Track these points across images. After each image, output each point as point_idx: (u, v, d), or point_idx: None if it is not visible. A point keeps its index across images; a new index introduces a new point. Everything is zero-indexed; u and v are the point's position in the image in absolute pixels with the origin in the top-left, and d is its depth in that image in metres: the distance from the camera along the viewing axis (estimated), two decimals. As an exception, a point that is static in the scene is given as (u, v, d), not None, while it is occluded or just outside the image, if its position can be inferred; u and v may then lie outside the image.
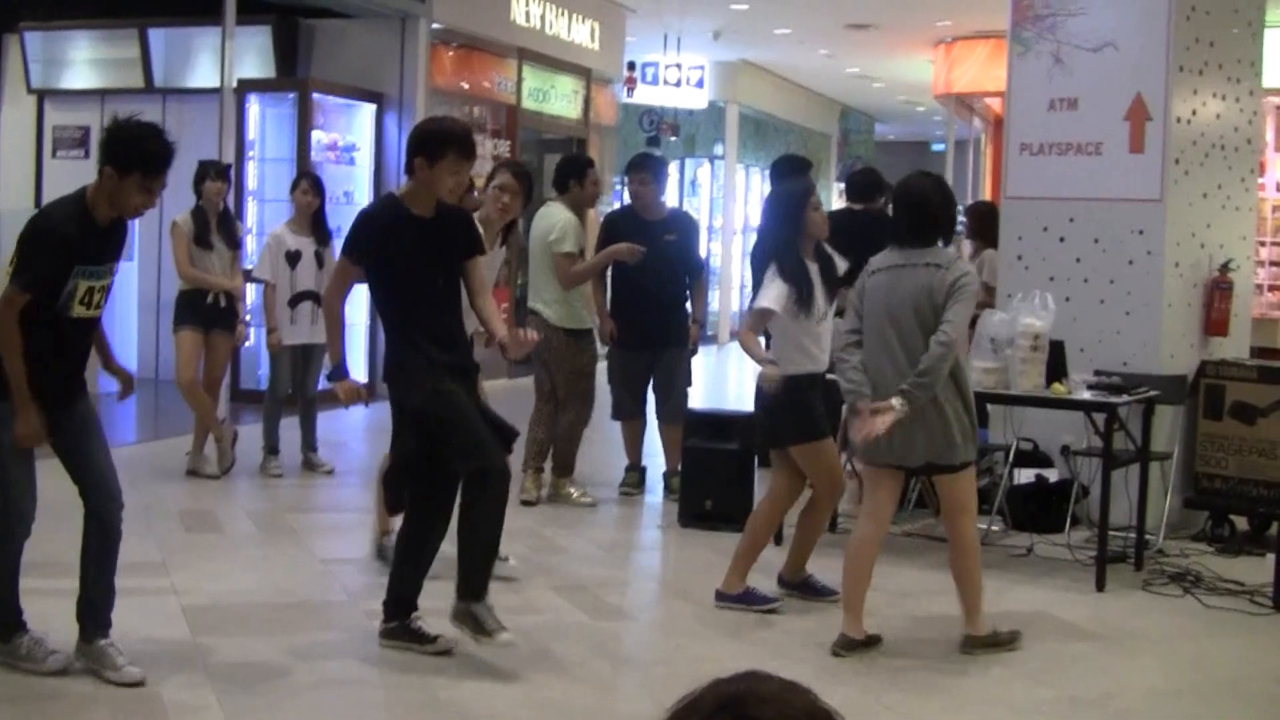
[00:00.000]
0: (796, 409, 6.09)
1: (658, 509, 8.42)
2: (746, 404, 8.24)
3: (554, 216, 8.33)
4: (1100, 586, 6.64)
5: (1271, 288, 15.85)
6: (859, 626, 5.67)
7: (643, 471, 8.79)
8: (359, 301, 12.59)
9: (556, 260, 8.20)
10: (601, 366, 8.65)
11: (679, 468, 8.25)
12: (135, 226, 12.33)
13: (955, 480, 5.65)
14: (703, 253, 8.59)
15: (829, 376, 6.17)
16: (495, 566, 5.54)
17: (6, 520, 4.93)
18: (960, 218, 8.73)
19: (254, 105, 12.26)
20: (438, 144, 5.34)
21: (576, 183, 8.43)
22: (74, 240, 4.75)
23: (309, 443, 9.14)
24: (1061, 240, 8.03)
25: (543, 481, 8.38)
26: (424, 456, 5.35)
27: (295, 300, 8.90)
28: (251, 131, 12.24)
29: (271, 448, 8.97)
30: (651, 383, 8.62)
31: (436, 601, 5.47)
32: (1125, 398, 6.83)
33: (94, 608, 5.03)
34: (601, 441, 9.55)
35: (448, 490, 5.39)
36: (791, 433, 6.15)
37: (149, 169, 4.77)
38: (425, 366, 5.33)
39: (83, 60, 13.97)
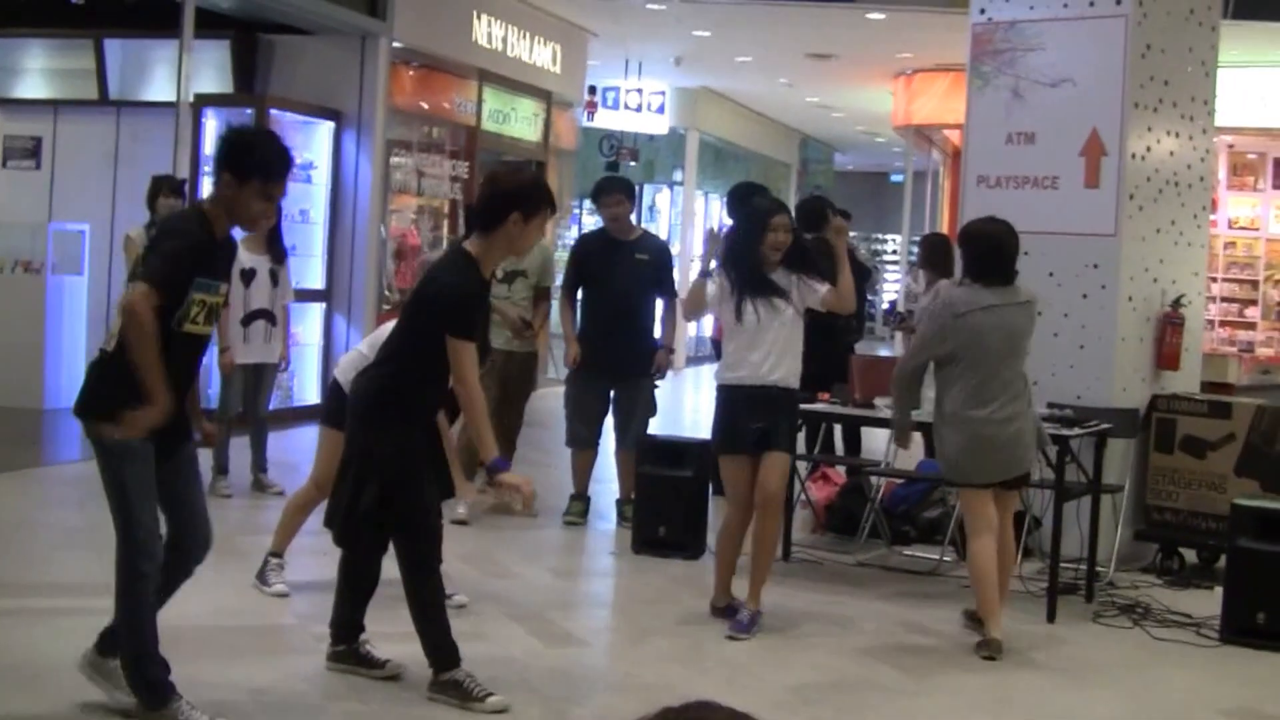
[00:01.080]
0: (717, 419, 6.38)
1: (610, 535, 8.39)
2: (702, 431, 8.25)
3: None
4: (1051, 617, 6.66)
5: (1222, 323, 16.05)
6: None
7: (588, 501, 8.73)
8: (314, 319, 12.57)
9: None
10: (558, 392, 8.60)
11: (632, 495, 8.22)
12: (85, 238, 12.33)
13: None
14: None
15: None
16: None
17: (135, 560, 4.77)
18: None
19: (211, 120, 12.16)
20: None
21: None
22: (201, 248, 4.64)
23: (259, 463, 9.04)
24: (1017, 273, 8.05)
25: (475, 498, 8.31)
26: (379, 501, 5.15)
27: (249, 319, 8.82)
28: (208, 147, 12.13)
29: (221, 468, 8.86)
30: (611, 410, 8.58)
31: (384, 626, 5.43)
32: (1078, 430, 6.87)
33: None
34: (558, 468, 9.45)
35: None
36: (713, 441, 6.47)
37: (268, 175, 4.65)
38: (409, 417, 5.17)
39: (36, 70, 13.83)
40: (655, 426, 8.63)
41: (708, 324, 15.58)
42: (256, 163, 4.65)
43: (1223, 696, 5.84)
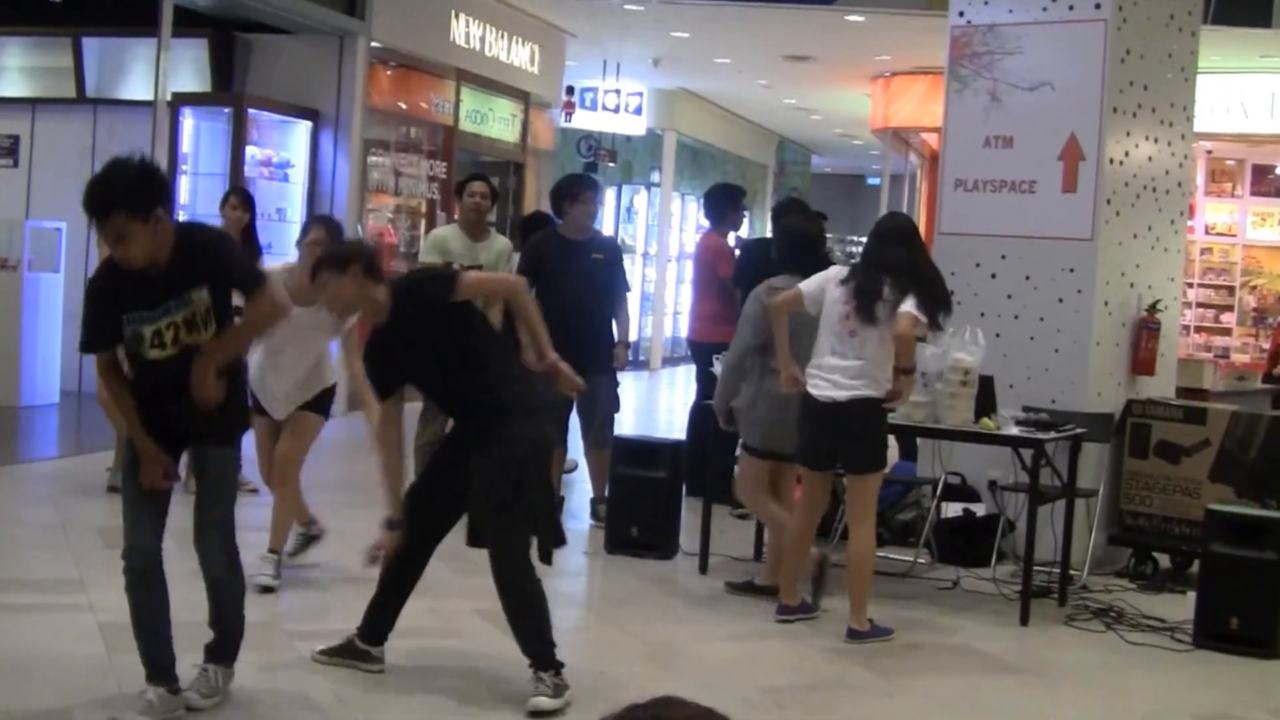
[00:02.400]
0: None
1: (584, 535, 8.37)
2: (676, 432, 8.26)
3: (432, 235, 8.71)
4: (1024, 621, 6.67)
5: (1198, 329, 16.12)
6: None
7: (560, 502, 8.69)
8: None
9: None
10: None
11: (605, 494, 8.21)
12: (62, 236, 12.27)
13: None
14: (634, 278, 8.76)
15: None
16: None
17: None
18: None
19: (188, 119, 12.14)
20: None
21: (456, 199, 8.66)
22: (105, 291, 4.64)
23: (234, 460, 8.99)
24: (993, 277, 8.09)
25: None
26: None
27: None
28: (185, 145, 12.11)
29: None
30: (575, 410, 8.54)
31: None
32: (1053, 434, 6.88)
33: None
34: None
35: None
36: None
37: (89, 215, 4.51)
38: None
39: (13, 68, 13.78)
40: (630, 427, 8.62)
41: (684, 324, 15.58)
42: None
43: (1195, 701, 5.86)
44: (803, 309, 6.37)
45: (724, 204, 9.81)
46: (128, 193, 4.47)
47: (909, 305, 6.06)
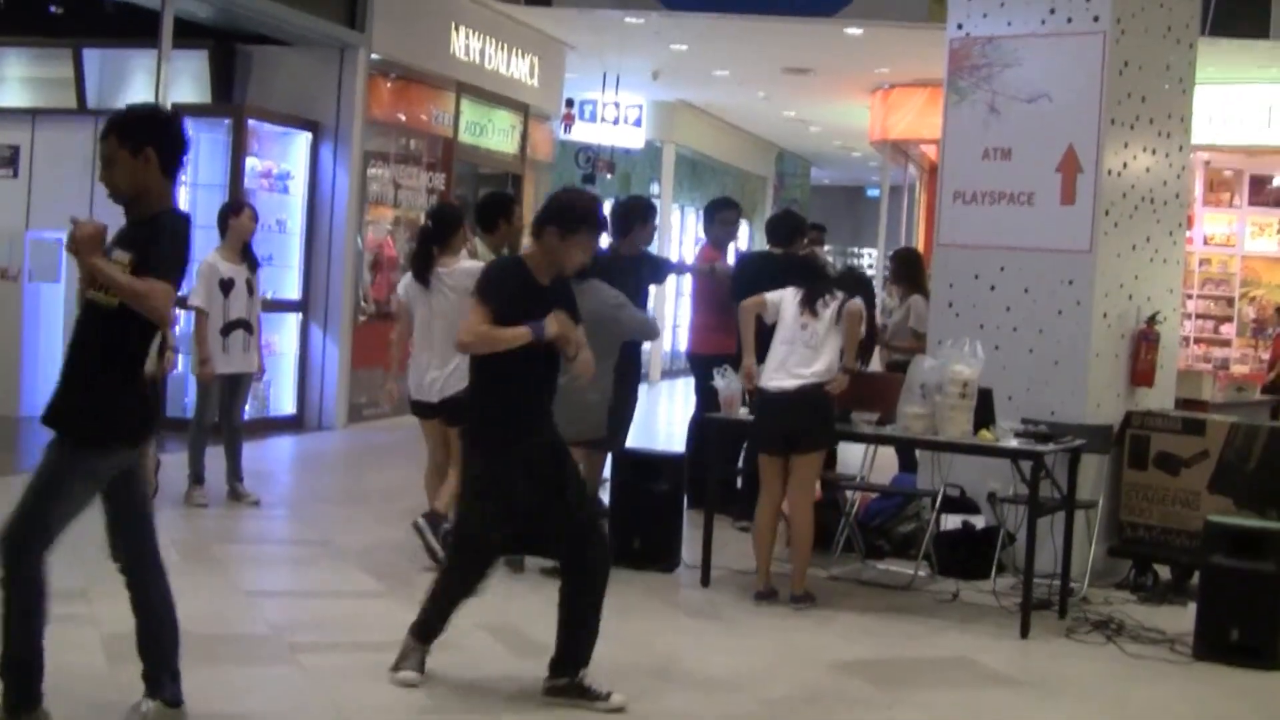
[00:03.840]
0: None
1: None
2: (677, 445, 8.27)
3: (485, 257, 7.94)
4: (1024, 633, 6.67)
5: (1197, 340, 16.14)
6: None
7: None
8: (290, 330, 12.54)
9: None
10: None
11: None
12: (62, 246, 12.23)
13: None
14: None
15: None
16: None
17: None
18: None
19: (188, 130, 12.12)
20: (574, 220, 5.40)
21: (505, 221, 8.09)
22: None
23: (235, 473, 9.01)
24: (992, 289, 8.10)
25: None
26: None
27: (228, 329, 8.80)
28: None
29: (197, 477, 8.83)
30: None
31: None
32: (1052, 446, 6.88)
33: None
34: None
35: None
36: None
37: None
38: None
39: (14, 78, 13.79)
40: (631, 440, 8.63)
41: (683, 337, 15.56)
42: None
43: (1196, 713, 5.86)
44: (764, 312, 7.16)
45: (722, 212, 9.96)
46: (128, 123, 4.68)
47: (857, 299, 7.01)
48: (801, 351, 6.94)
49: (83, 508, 4.71)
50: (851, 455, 9.10)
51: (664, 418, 16.13)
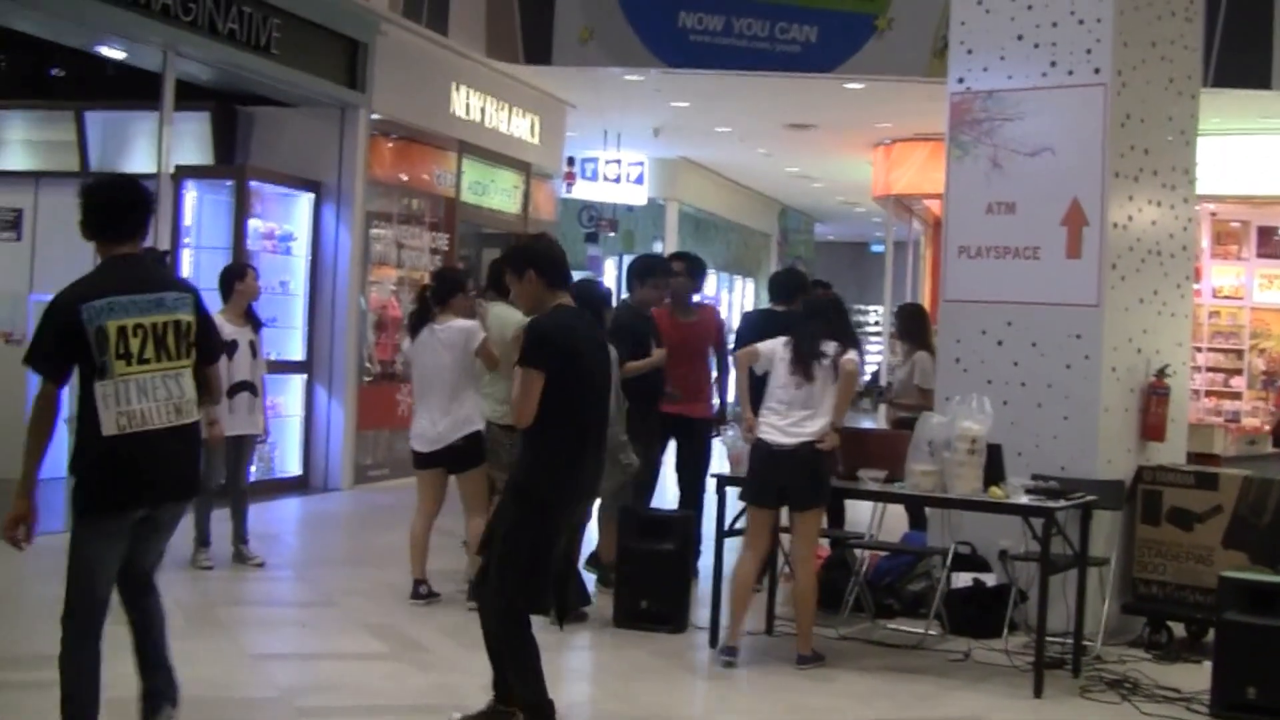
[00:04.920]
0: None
1: (592, 607, 8.27)
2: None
3: (509, 317, 7.99)
4: (1038, 693, 6.56)
5: (1208, 393, 16.04)
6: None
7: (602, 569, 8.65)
8: (294, 390, 12.48)
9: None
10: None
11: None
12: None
13: None
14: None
15: None
16: None
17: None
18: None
19: (191, 192, 12.12)
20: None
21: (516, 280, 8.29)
22: None
23: (240, 535, 8.95)
24: (999, 344, 8.04)
25: None
26: None
27: (233, 391, 8.76)
28: (188, 218, 12.08)
29: (202, 539, 8.77)
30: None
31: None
32: (1063, 503, 6.80)
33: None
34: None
35: None
36: None
37: None
38: None
39: (17, 141, 13.83)
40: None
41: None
42: None
43: (1214, 773, 5.75)
44: (756, 363, 7.13)
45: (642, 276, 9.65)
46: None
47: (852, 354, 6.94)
48: (799, 412, 6.85)
49: (106, 573, 4.75)
50: (860, 513, 9.02)
51: (672, 476, 16.02)
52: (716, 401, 9.61)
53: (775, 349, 7.07)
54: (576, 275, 6.71)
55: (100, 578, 4.70)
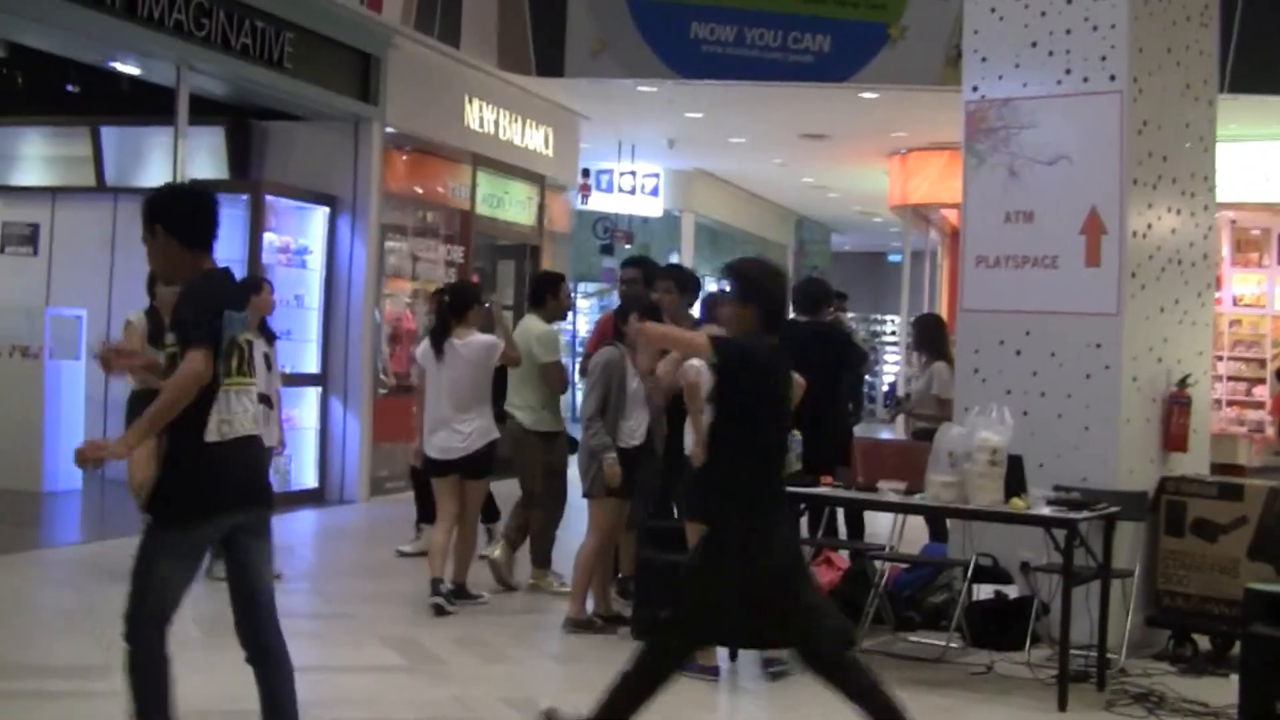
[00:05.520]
0: None
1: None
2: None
3: (535, 329, 8.72)
4: (1062, 706, 6.48)
5: (1230, 402, 15.91)
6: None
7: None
8: (310, 403, 12.46)
9: (545, 369, 8.61)
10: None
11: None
12: (82, 324, 12.27)
13: None
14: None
15: None
16: None
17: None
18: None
19: (208, 198, 12.10)
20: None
21: (552, 296, 8.85)
22: None
23: (255, 548, 8.90)
24: (1018, 353, 7.97)
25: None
26: None
27: (249, 404, 8.73)
28: (202, 233, 12.07)
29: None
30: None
31: None
32: (1085, 514, 6.73)
33: None
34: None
35: None
36: None
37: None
38: None
39: (34, 157, 13.87)
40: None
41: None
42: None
43: (1242, 788, 5.67)
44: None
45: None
46: (146, 200, 4.80)
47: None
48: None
49: (180, 583, 4.82)
50: (880, 525, 8.96)
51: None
52: None
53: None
54: (593, 287, 6.79)
55: (181, 587, 4.88)
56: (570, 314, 9.06)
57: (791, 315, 9.52)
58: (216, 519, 4.75)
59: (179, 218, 4.78)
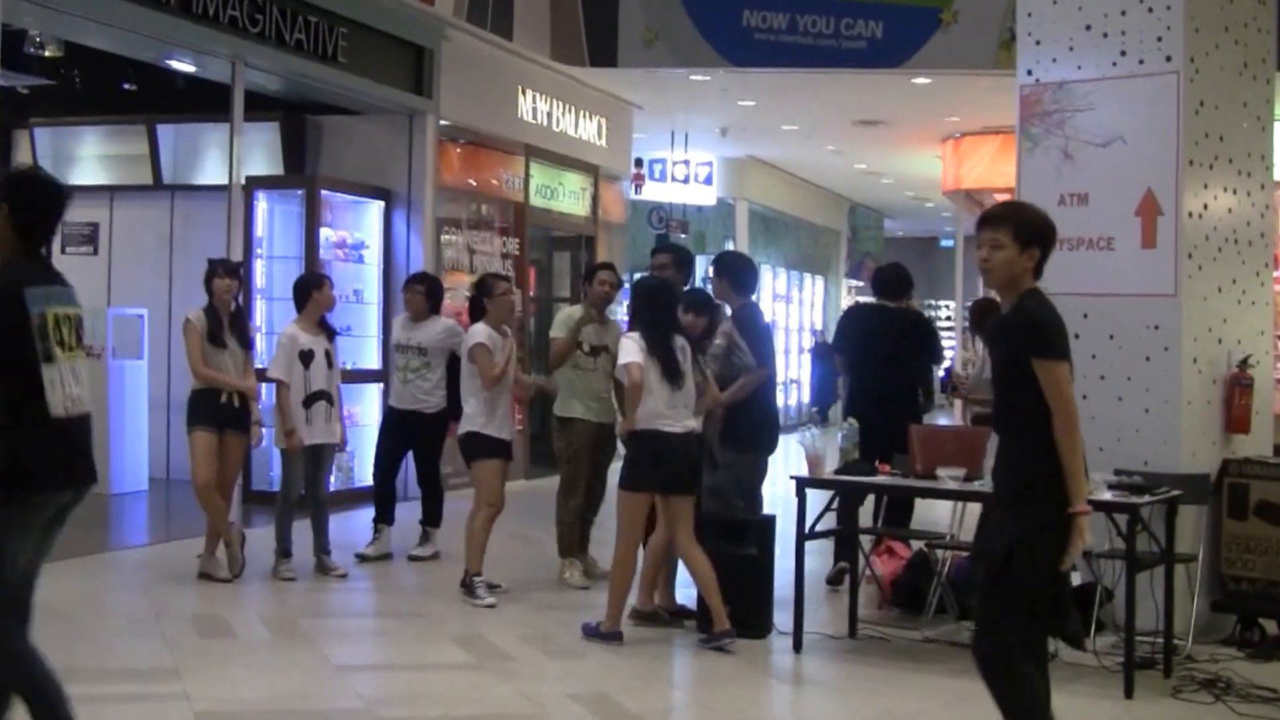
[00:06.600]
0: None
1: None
2: (768, 507, 8.15)
3: (571, 312, 9.26)
4: (1129, 693, 6.45)
5: (1292, 383, 15.70)
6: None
7: None
8: (371, 399, 12.52)
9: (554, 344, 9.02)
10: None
11: None
12: (144, 322, 12.39)
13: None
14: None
15: None
16: None
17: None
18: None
19: (262, 202, 12.23)
20: None
21: (585, 284, 9.30)
22: None
23: (321, 545, 8.99)
24: (1076, 337, 7.87)
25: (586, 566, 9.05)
26: None
27: (309, 400, 8.83)
28: (259, 229, 12.19)
29: (284, 550, 8.81)
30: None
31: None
32: (1148, 498, 6.68)
33: None
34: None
35: None
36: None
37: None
38: None
39: (91, 156, 13.99)
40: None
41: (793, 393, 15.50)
42: None
43: (1311, 773, 5.64)
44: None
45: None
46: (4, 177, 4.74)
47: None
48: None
49: (22, 563, 4.56)
50: (940, 513, 8.94)
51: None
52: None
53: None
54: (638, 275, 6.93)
55: (26, 567, 4.62)
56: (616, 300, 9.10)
57: (874, 300, 9.55)
58: (58, 495, 4.70)
59: (26, 204, 4.63)
